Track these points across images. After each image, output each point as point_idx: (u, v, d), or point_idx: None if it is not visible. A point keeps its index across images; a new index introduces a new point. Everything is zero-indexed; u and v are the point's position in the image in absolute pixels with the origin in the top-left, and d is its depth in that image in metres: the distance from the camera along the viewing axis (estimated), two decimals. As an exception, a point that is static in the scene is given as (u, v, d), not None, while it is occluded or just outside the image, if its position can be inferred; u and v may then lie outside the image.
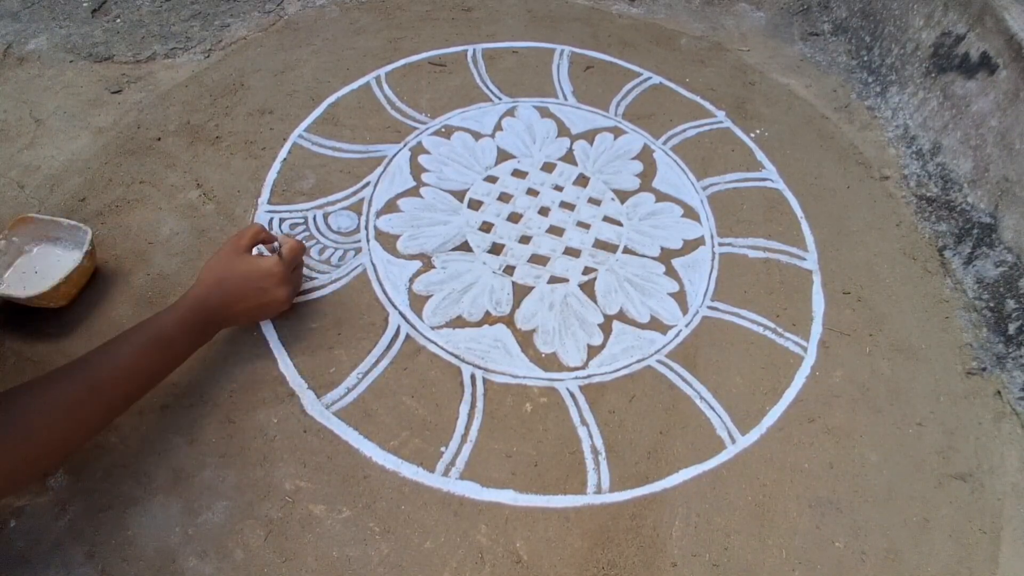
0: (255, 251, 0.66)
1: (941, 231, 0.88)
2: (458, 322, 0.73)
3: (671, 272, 0.80)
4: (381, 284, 0.75)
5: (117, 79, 0.93)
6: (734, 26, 1.17)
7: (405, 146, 0.89)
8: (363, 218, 0.80)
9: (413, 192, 0.84)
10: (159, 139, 0.86)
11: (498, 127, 0.93)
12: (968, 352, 0.77)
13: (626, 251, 0.81)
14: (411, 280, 0.75)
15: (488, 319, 0.73)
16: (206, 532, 0.57)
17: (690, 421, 0.68)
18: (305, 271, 0.74)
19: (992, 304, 0.80)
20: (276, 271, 0.63)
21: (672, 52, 1.09)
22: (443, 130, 0.91)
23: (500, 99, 0.97)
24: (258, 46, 1.00)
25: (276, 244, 0.65)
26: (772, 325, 0.76)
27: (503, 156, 0.89)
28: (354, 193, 0.83)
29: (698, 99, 1.02)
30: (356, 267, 0.76)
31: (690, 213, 0.86)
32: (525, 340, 0.72)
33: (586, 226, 0.83)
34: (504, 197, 0.84)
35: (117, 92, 0.92)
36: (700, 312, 0.77)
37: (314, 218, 0.80)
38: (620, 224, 0.84)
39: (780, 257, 0.83)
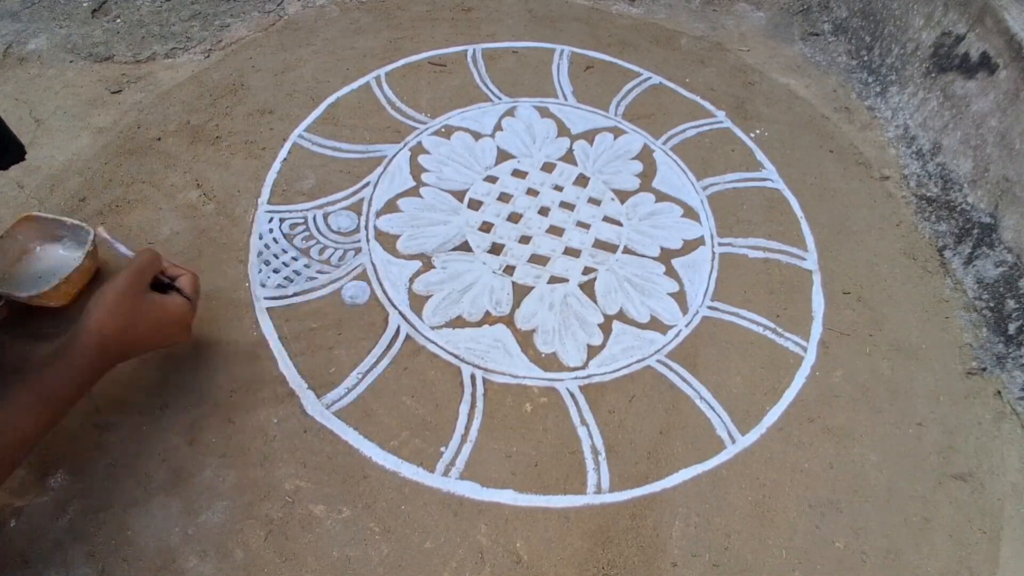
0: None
1: (941, 231, 0.88)
2: (458, 322, 0.73)
3: (671, 272, 0.80)
4: (381, 284, 0.75)
5: (117, 79, 0.93)
6: (734, 26, 1.17)
7: (405, 146, 0.89)
8: (363, 218, 0.80)
9: (413, 192, 0.84)
10: (159, 139, 0.86)
11: (498, 127, 0.93)
12: (968, 352, 0.77)
13: (626, 251, 0.81)
14: (411, 280, 0.75)
15: (488, 319, 0.73)
16: (206, 532, 0.57)
17: (690, 421, 0.68)
18: (307, 268, 0.74)
19: (992, 304, 0.80)
20: (186, 315, 0.58)
21: (672, 52, 1.09)
22: (443, 130, 0.91)
23: (500, 99, 0.97)
24: (258, 46, 1.00)
25: (168, 279, 0.60)
26: (772, 325, 0.76)
27: (503, 156, 0.89)
28: (354, 193, 0.83)
29: (698, 99, 1.01)
30: (356, 267, 0.76)
31: (690, 213, 0.86)
32: (525, 340, 0.72)
33: (586, 226, 0.83)
34: (504, 197, 0.84)
35: (117, 92, 0.92)
36: (700, 312, 0.77)
37: (314, 218, 0.80)
38: (620, 224, 0.84)
39: (780, 257, 0.83)
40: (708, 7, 1.20)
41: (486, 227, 0.81)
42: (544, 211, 0.84)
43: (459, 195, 0.84)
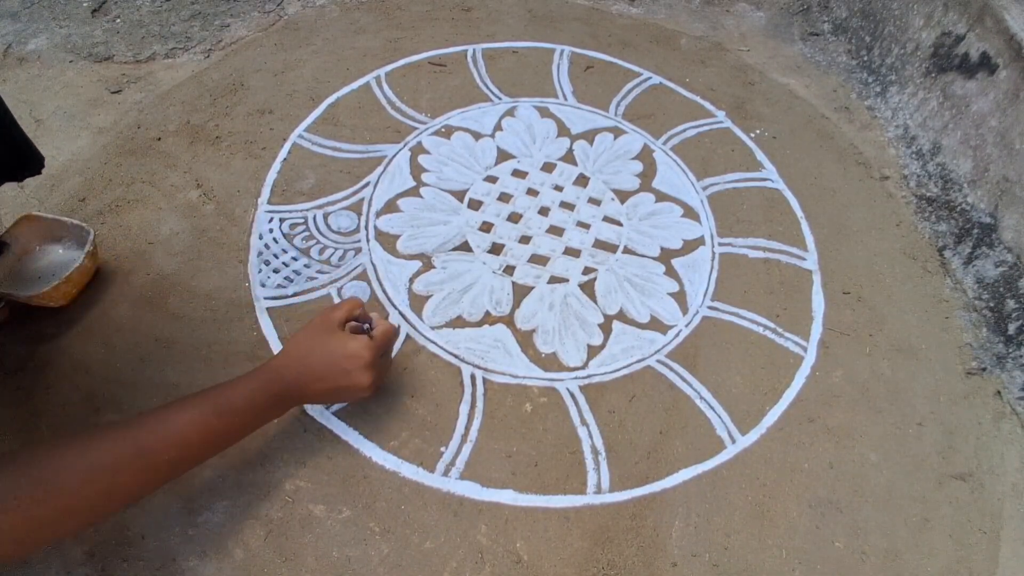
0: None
1: (941, 231, 0.88)
2: (458, 322, 0.73)
3: (671, 272, 0.80)
4: (381, 284, 0.75)
5: (117, 79, 0.93)
6: (734, 26, 1.17)
7: (405, 146, 0.89)
8: (363, 218, 0.80)
9: (413, 192, 0.84)
10: (159, 139, 0.86)
11: (498, 127, 0.93)
12: (968, 352, 0.77)
13: (626, 251, 0.81)
14: (411, 280, 0.75)
15: (488, 319, 0.73)
16: (206, 532, 0.57)
17: (690, 421, 0.68)
18: (307, 268, 0.74)
19: (992, 304, 0.80)
20: (363, 354, 0.57)
21: (672, 52, 1.09)
22: (443, 130, 0.91)
23: (500, 99, 0.97)
24: (258, 46, 1.00)
25: (367, 325, 0.61)
26: (772, 325, 0.76)
27: (503, 156, 0.89)
28: (354, 193, 0.83)
29: (698, 99, 1.01)
30: (356, 267, 0.76)
31: (690, 213, 0.86)
32: (525, 340, 0.72)
33: (586, 226, 0.83)
34: (504, 197, 0.84)
35: (117, 92, 0.92)
36: (700, 312, 0.77)
37: (314, 218, 0.80)
38: (620, 224, 0.84)
39: (780, 257, 0.83)
40: (708, 7, 1.20)
41: (486, 227, 0.81)
42: (544, 211, 0.84)
43: (459, 195, 0.84)
